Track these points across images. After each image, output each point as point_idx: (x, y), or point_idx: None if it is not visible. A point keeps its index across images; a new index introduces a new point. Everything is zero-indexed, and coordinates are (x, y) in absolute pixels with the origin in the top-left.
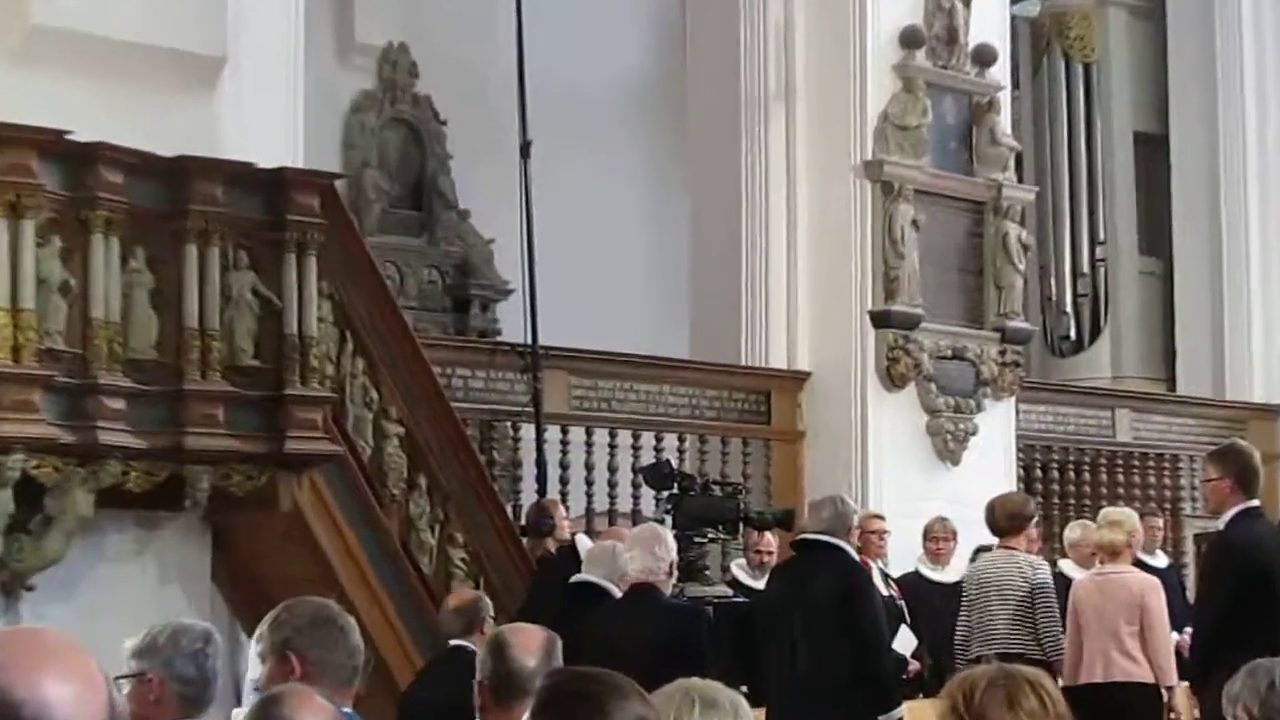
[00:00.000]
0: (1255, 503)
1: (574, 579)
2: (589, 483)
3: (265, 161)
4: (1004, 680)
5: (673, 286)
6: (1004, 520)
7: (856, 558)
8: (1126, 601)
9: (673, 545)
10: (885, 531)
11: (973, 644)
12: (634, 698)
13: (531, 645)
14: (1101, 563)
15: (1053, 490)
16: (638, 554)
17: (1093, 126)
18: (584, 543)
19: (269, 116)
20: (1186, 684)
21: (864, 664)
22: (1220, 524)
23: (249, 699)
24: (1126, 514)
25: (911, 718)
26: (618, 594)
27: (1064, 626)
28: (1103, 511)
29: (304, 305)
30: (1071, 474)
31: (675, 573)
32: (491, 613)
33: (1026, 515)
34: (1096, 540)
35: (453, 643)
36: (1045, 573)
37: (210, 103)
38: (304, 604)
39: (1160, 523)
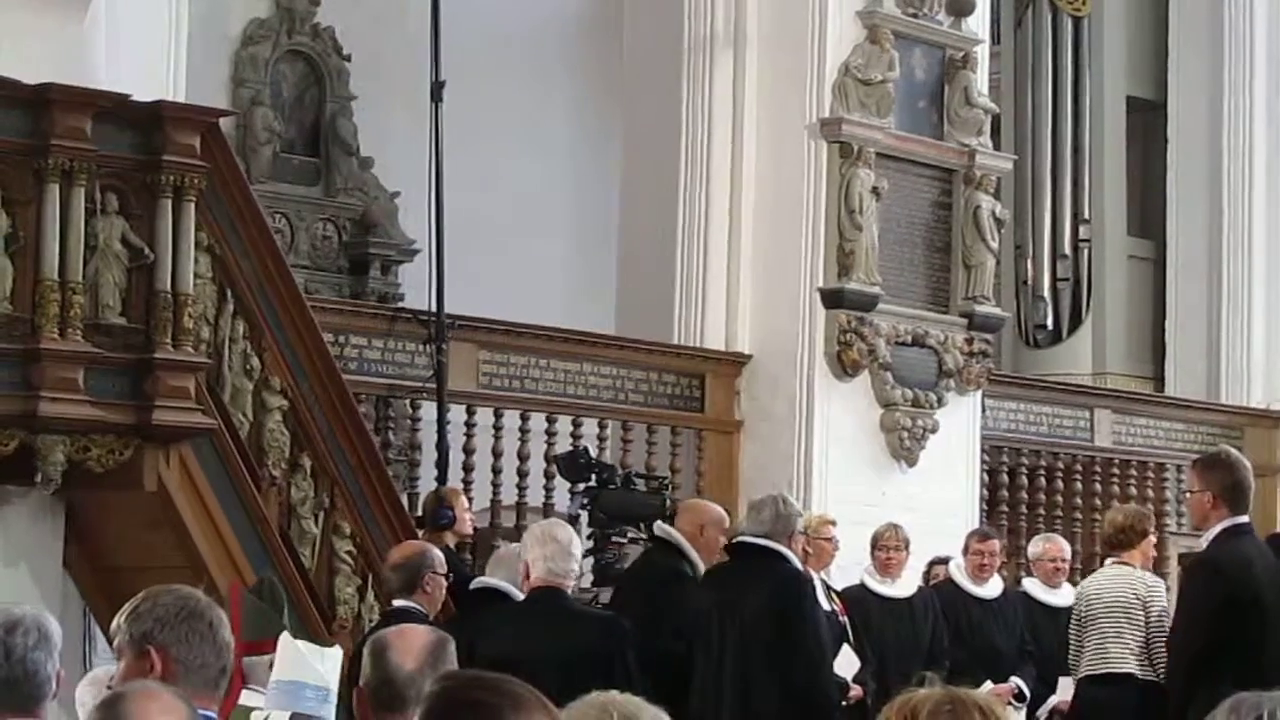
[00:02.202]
0: (1243, 519)
1: (475, 583)
2: (495, 471)
3: (141, 94)
4: (950, 705)
5: (598, 253)
6: (1113, 535)
7: (800, 566)
8: None
9: (578, 544)
10: (837, 540)
11: (1083, 664)
12: (536, 710)
13: (412, 648)
14: None
15: (1020, 499)
16: (547, 554)
17: (1081, 89)
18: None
19: (147, 43)
20: None
21: (803, 690)
22: (1203, 542)
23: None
24: None
25: None
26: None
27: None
28: None
29: (179, 258)
30: (1042, 481)
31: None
32: (440, 568)
33: (1138, 530)
34: None
35: (396, 603)
36: (1160, 591)
37: (80, 25)
38: (168, 594)
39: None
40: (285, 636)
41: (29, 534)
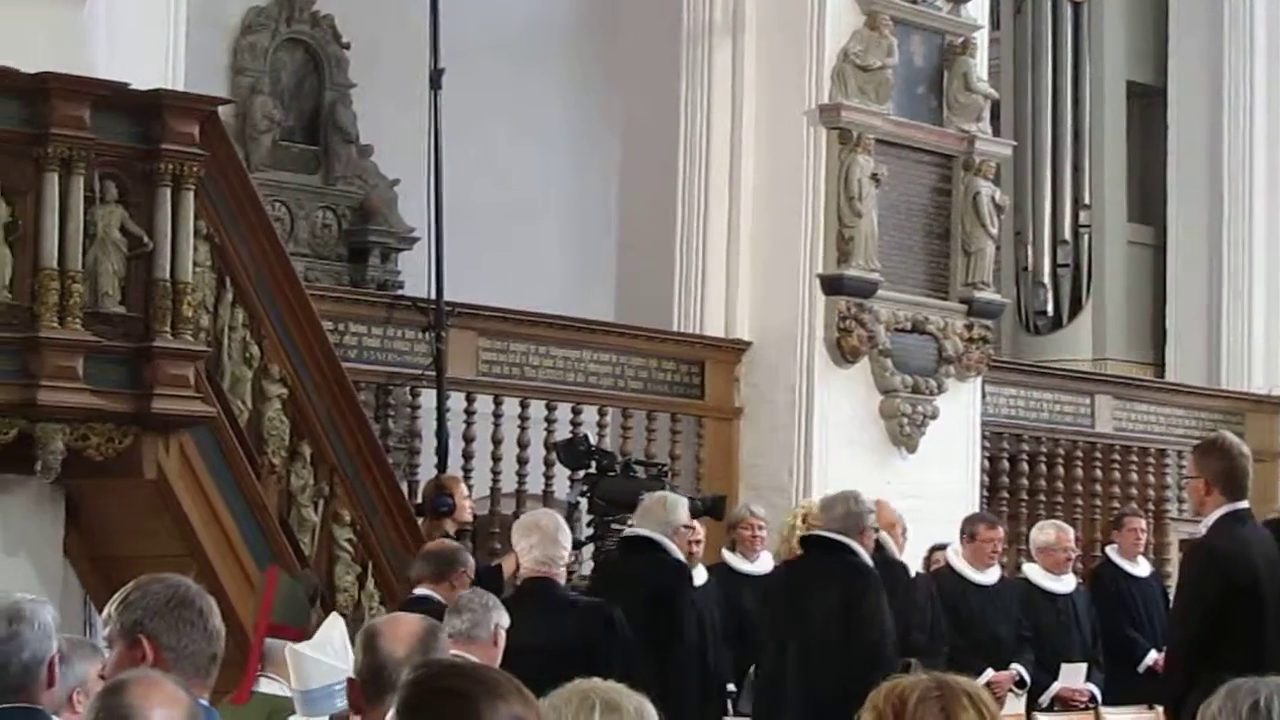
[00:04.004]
0: (1242, 505)
1: (626, 533)
2: (495, 459)
3: (140, 83)
4: (938, 691)
5: (598, 240)
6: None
7: (870, 562)
8: None
9: (565, 532)
10: None
11: None
12: (512, 697)
13: (402, 634)
14: None
15: (1021, 485)
16: (536, 543)
17: (1081, 74)
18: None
19: (146, 31)
20: (1161, 708)
21: (861, 684)
22: (1201, 528)
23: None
24: None
25: None
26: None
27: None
28: None
29: (178, 246)
30: (1043, 467)
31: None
32: (471, 573)
33: None
34: None
35: (417, 591)
36: None
37: (79, 13)
38: (159, 582)
39: (1143, 524)
40: (289, 648)
41: (29, 523)
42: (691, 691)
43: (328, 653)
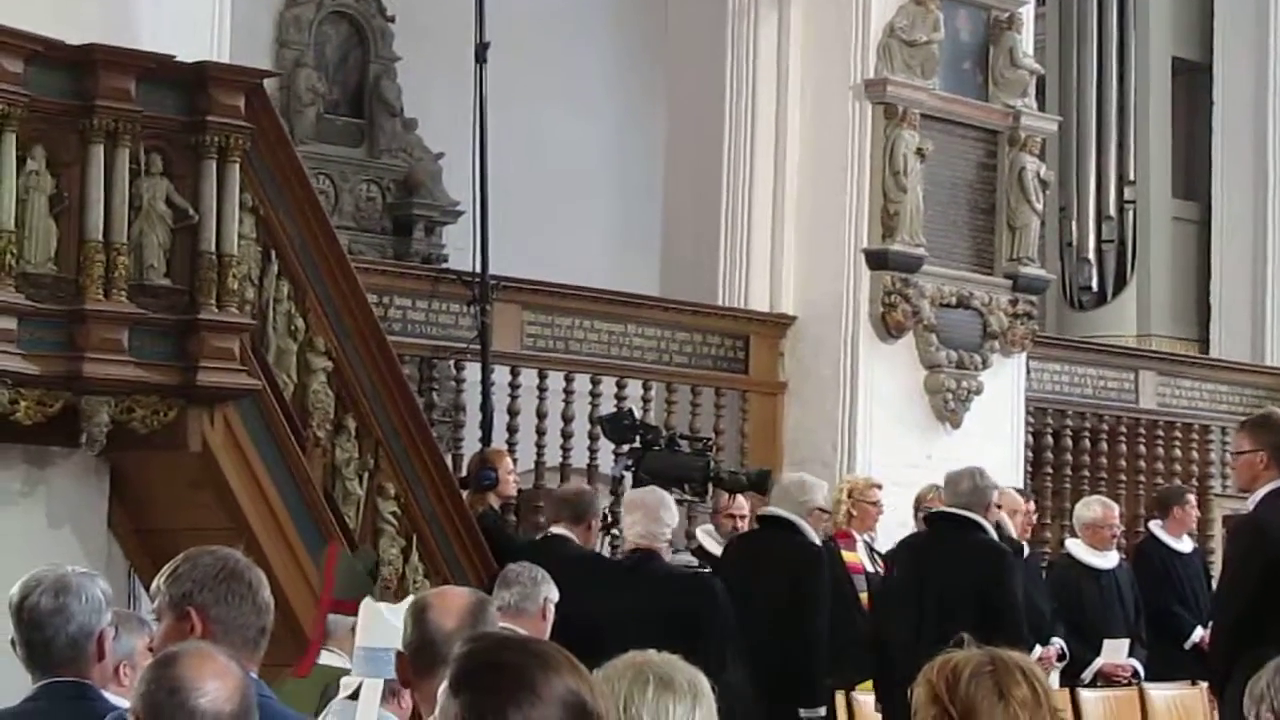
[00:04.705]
0: None
1: (761, 511)
2: (540, 432)
3: (185, 55)
4: (991, 666)
5: (643, 214)
6: None
7: (995, 536)
8: None
9: (668, 507)
10: (882, 503)
11: None
12: (565, 670)
13: (452, 607)
14: None
15: (1064, 461)
16: (638, 518)
17: (1126, 50)
18: None
19: (192, 4)
20: (1205, 685)
21: None
22: (1250, 504)
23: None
24: None
25: None
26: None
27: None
28: None
29: (223, 219)
30: (1086, 443)
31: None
32: (602, 516)
33: None
34: None
35: (554, 530)
36: None
37: None
38: (207, 554)
39: (1194, 500)
40: (367, 601)
41: (74, 495)
42: (819, 671)
43: (400, 618)
